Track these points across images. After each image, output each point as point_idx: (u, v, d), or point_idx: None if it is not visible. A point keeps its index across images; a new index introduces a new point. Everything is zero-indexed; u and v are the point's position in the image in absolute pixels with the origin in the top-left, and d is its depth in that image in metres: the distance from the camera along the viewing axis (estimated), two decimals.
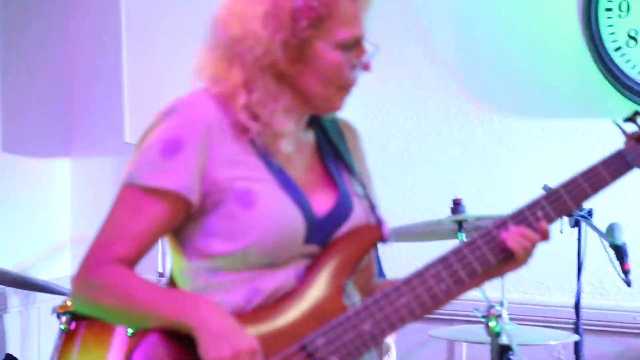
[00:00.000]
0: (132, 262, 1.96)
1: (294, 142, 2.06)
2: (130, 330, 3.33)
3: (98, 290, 1.96)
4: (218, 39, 2.04)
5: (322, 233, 2.03)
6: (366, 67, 2.09)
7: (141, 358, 1.93)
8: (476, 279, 2.06)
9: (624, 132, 2.27)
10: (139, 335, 1.97)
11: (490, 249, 2.06)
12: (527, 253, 2.07)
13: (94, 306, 2.03)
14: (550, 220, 2.10)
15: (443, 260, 2.04)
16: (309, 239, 2.00)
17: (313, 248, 2.02)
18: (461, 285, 2.04)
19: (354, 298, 2.03)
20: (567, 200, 2.13)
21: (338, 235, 2.05)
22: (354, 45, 2.04)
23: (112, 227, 1.97)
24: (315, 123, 2.16)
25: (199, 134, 1.96)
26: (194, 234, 2.00)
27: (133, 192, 1.96)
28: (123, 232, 1.96)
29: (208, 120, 1.98)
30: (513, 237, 2.06)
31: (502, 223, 2.07)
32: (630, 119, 2.30)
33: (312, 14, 1.97)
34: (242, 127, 1.99)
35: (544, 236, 2.08)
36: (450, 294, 2.03)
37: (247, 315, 1.98)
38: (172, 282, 2.10)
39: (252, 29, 1.98)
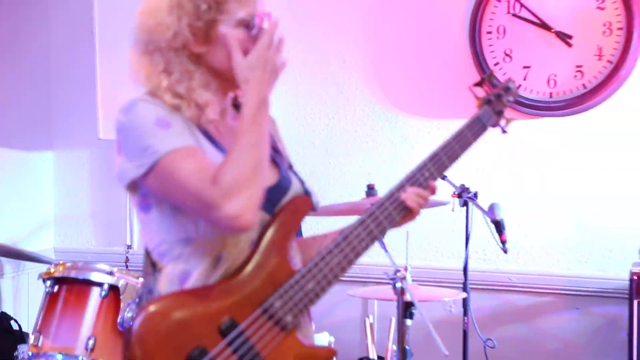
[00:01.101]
0: None
1: (223, 116, 2.06)
2: (103, 292, 3.32)
3: (235, 186, 1.85)
4: (138, 39, 2.03)
5: (270, 202, 2.00)
6: None
7: (144, 331, 1.88)
8: (384, 233, 2.10)
9: (475, 96, 2.33)
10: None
11: (395, 208, 2.10)
12: (421, 207, 2.13)
13: (250, 194, 1.88)
14: (435, 178, 2.16)
15: (362, 223, 2.06)
16: (261, 206, 1.95)
17: (264, 215, 1.99)
18: (375, 240, 2.08)
19: (295, 258, 2.07)
20: (445, 160, 2.18)
21: (282, 205, 2.04)
22: (253, 23, 2.02)
23: (189, 173, 1.87)
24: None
25: (171, 114, 1.94)
26: (166, 212, 1.97)
27: (171, 156, 1.88)
28: (198, 167, 1.87)
29: (162, 107, 1.96)
30: (410, 197, 2.11)
31: (401, 186, 2.12)
32: (479, 84, 2.37)
33: (211, 2, 1.98)
34: (174, 108, 1.96)
35: (433, 192, 2.15)
36: (367, 249, 2.06)
37: (215, 287, 1.95)
38: (148, 256, 2.05)
39: (160, 18, 1.97)
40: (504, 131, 2.37)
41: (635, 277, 3.68)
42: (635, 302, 3.67)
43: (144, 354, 1.87)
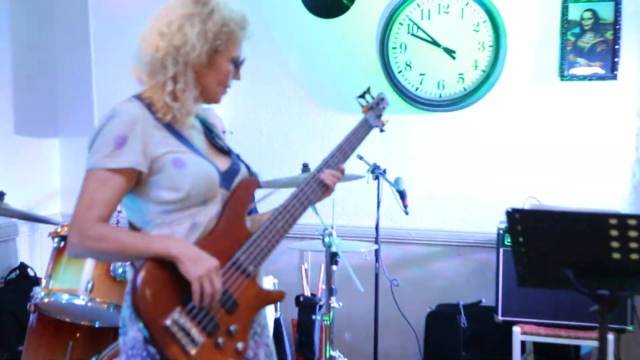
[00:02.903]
0: (106, 219, 1.88)
1: (194, 120, 2.05)
2: None
3: (95, 241, 1.85)
4: (158, 48, 1.96)
5: (227, 181, 2.02)
6: (238, 77, 2.09)
7: (144, 280, 1.85)
8: (311, 204, 2.14)
9: (360, 105, 2.41)
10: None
11: (317, 185, 2.15)
12: (334, 184, 2.18)
13: (95, 253, 1.96)
14: (342, 162, 2.22)
15: (295, 196, 2.10)
16: (221, 184, 2.00)
17: (224, 191, 2.01)
18: (305, 209, 2.12)
19: (248, 223, 2.06)
20: (347, 150, 2.24)
21: (235, 184, 2.05)
22: (240, 63, 2.07)
23: (88, 198, 1.87)
24: (198, 119, 2.12)
25: (135, 129, 1.89)
26: (149, 191, 1.93)
27: (99, 173, 1.87)
28: (97, 199, 1.86)
29: (138, 118, 1.91)
30: (327, 177, 2.16)
31: (320, 168, 2.17)
32: (362, 96, 2.43)
33: (223, 37, 1.98)
34: (166, 106, 1.94)
35: (342, 172, 2.20)
36: (300, 216, 2.10)
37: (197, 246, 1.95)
38: (133, 227, 2.01)
39: (190, 38, 1.94)
40: (381, 130, 2.46)
41: (501, 232, 3.75)
42: (501, 250, 3.73)
43: (145, 301, 1.84)
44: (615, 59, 3.95)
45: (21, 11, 4.37)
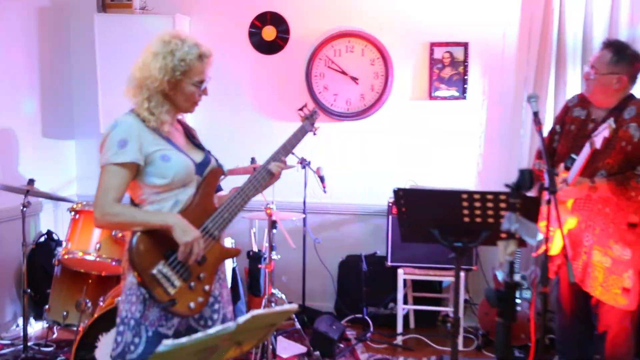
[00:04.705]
0: (119, 200, 1.86)
1: (171, 127, 1.97)
2: None
3: (113, 216, 1.83)
4: (135, 78, 1.92)
5: (200, 170, 1.99)
6: (205, 93, 2.00)
7: (137, 242, 1.85)
8: (262, 188, 2.07)
9: (300, 115, 2.39)
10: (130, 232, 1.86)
11: (266, 174, 2.08)
12: (279, 174, 2.12)
13: (114, 225, 1.96)
14: (285, 156, 2.14)
15: (250, 181, 2.06)
16: (196, 172, 1.97)
17: (198, 177, 1.98)
18: (257, 192, 2.06)
19: (216, 199, 2.03)
20: (289, 148, 2.18)
21: (207, 172, 2.01)
22: (201, 84, 1.96)
23: (104, 186, 1.85)
24: (180, 123, 2.07)
25: (132, 134, 1.86)
26: (144, 178, 1.90)
27: (110, 167, 1.85)
28: (111, 186, 1.84)
29: (134, 126, 1.87)
30: (274, 167, 2.09)
31: (269, 162, 2.10)
32: (301, 109, 2.43)
33: (181, 69, 1.91)
34: (147, 119, 1.89)
35: (285, 164, 2.13)
36: (253, 196, 2.05)
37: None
38: (133, 203, 1.97)
39: (153, 74, 1.89)
40: (314, 134, 2.45)
41: (390, 204, 3.81)
42: (390, 217, 3.80)
43: (137, 258, 1.84)
44: (465, 86, 4.08)
45: (45, 46, 4.24)
